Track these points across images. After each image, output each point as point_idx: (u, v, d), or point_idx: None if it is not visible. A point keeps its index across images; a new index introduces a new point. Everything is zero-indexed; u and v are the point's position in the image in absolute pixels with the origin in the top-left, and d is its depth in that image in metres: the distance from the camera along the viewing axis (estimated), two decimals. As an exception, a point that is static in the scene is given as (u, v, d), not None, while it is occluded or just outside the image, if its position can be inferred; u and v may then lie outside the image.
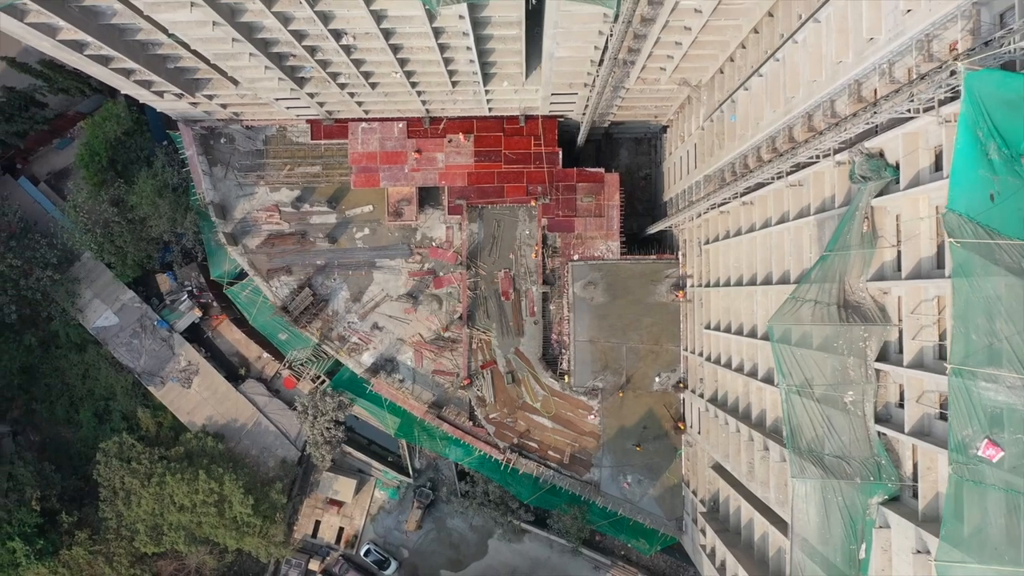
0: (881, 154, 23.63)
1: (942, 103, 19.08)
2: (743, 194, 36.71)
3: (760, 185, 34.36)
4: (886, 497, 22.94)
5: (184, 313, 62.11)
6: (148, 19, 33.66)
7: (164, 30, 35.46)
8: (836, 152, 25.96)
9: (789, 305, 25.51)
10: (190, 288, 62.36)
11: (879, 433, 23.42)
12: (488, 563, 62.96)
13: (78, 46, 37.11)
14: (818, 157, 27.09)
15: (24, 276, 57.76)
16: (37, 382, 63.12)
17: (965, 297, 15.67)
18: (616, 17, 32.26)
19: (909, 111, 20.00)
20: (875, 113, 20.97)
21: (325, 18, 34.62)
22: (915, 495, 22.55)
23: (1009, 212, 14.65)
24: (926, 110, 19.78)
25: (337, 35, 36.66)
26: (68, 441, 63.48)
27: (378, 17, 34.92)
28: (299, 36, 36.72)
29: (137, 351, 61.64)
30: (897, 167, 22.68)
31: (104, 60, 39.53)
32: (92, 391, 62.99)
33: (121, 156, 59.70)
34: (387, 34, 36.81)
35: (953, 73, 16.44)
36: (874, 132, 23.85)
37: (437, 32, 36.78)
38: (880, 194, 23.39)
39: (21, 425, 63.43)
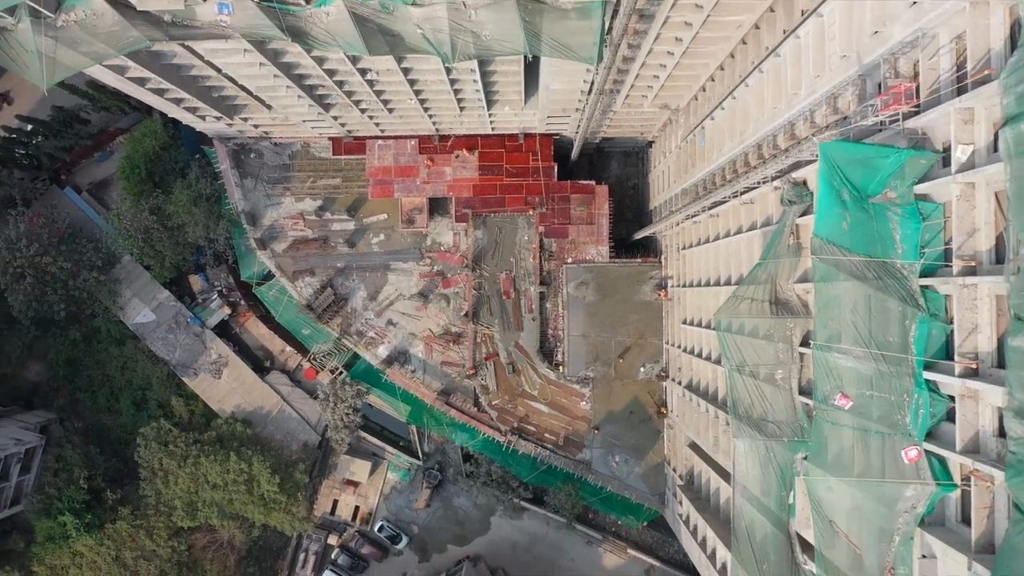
0: (804, 183, 29.78)
1: (836, 150, 25.28)
2: (710, 208, 42.87)
3: (723, 201, 40.52)
4: (808, 453, 29.01)
5: (215, 311, 68.25)
6: (207, 62, 39.88)
7: (218, 69, 41.65)
8: (773, 179, 32.16)
9: (731, 302, 31.64)
10: (220, 288, 68.51)
11: (803, 403, 29.57)
12: (491, 538, 68.89)
13: (141, 81, 43.21)
14: (759, 183, 33.33)
15: (72, 277, 63.69)
16: (81, 373, 69.31)
17: (824, 296, 21.81)
18: (599, 61, 38.33)
19: (811, 157, 26.20)
20: (787, 156, 27.21)
21: (354, 60, 40.72)
22: (829, 451, 28.65)
23: (857, 237, 20.75)
24: (824, 155, 25.95)
25: (363, 72, 42.78)
26: (109, 427, 69.61)
27: (399, 58, 41.07)
28: (330, 73, 42.85)
29: (172, 345, 67.79)
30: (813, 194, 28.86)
31: (160, 91, 45.69)
32: (131, 381, 69.02)
33: (158, 168, 65.81)
34: (406, 71, 42.93)
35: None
36: (799, 165, 30.05)
37: (448, 70, 42.93)
38: (803, 214, 29.54)
39: (66, 412, 69.63)
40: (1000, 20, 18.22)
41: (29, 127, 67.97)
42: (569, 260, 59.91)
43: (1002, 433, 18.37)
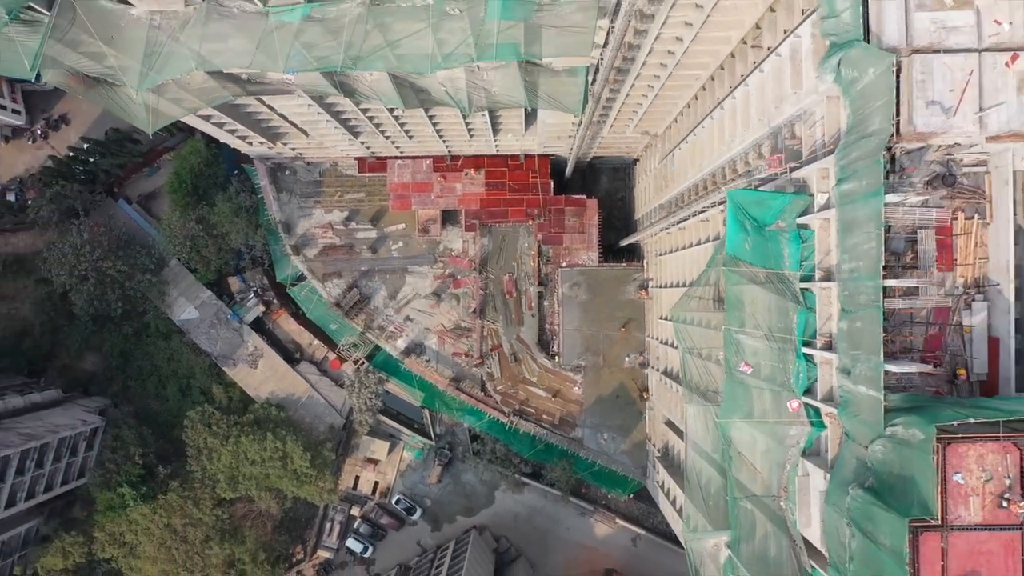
0: (740, 208, 38.64)
1: (755, 187, 34.14)
2: (678, 222, 51.74)
3: (687, 218, 49.36)
4: (723, 404, 37.54)
5: (251, 308, 77.00)
6: (266, 104, 48.80)
7: (272, 108, 50.57)
8: (720, 204, 41.00)
9: (684, 300, 40.40)
10: (256, 288, 77.27)
11: (739, 378, 38.42)
12: (495, 511, 77.35)
13: (207, 117, 52.13)
14: (710, 206, 42.20)
15: (128, 279, 72.47)
16: (132, 364, 78.01)
17: (731, 295, 30.64)
18: (583, 110, 47.15)
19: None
20: (719, 192, 36.09)
21: (385, 101, 49.60)
22: (758, 414, 37.46)
23: (756, 253, 29.44)
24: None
25: (391, 110, 51.73)
26: (156, 411, 78.32)
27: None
28: (364, 111, 51.77)
29: (214, 339, 76.64)
30: (746, 217, 37.71)
31: (220, 124, 54.63)
32: (176, 371, 77.73)
33: (202, 183, 74.57)
34: (427, 110, 51.87)
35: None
36: (736, 194, 38.87)
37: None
38: (739, 232, 38.37)
39: (119, 398, 78.38)
40: (846, 111, 27.04)
41: (85, 146, 76.89)
42: (564, 264, 68.66)
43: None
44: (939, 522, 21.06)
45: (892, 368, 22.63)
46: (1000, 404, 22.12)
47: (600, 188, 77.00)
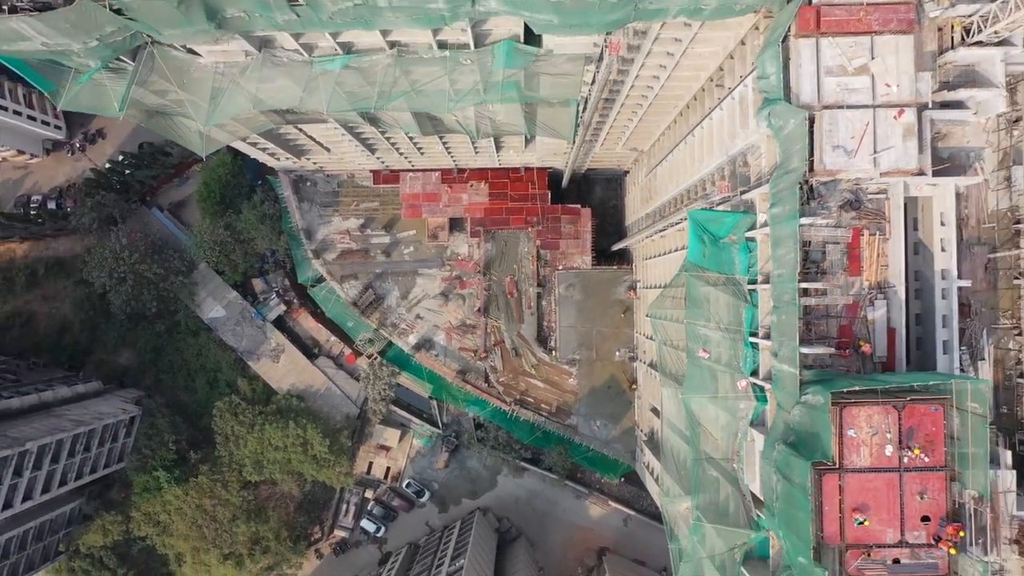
0: (707, 221, 45.45)
1: (717, 205, 41.03)
2: (660, 231, 58.60)
3: (666, 227, 56.23)
4: (686, 384, 44.21)
5: (273, 308, 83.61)
6: (299, 129, 55.65)
7: (303, 131, 57.42)
8: (691, 217, 47.83)
9: (660, 299, 47.24)
10: (278, 289, 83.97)
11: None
12: (497, 494, 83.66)
13: (243, 138, 58.83)
14: (682, 220, 49.03)
15: (162, 280, 79.31)
16: (163, 359, 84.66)
17: (695, 295, 37.48)
18: (575, 137, 53.96)
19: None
20: (689, 206, 42.99)
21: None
22: (722, 395, 44.33)
23: (712, 261, 36.18)
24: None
25: (406, 132, 58.55)
26: (186, 402, 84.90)
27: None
28: (383, 133, 58.61)
29: (239, 335, 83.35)
30: (711, 229, 44.54)
31: (254, 144, 61.45)
32: (204, 365, 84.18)
33: (228, 192, 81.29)
34: (439, 134, 58.68)
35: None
36: (704, 209, 45.70)
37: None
38: (706, 242, 45.18)
39: (152, 391, 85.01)
40: (777, 150, 33.86)
41: (121, 158, 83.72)
42: (560, 267, 75.54)
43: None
44: (837, 466, 27.88)
45: (806, 350, 29.50)
46: (887, 378, 28.93)
47: (594, 197, 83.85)
